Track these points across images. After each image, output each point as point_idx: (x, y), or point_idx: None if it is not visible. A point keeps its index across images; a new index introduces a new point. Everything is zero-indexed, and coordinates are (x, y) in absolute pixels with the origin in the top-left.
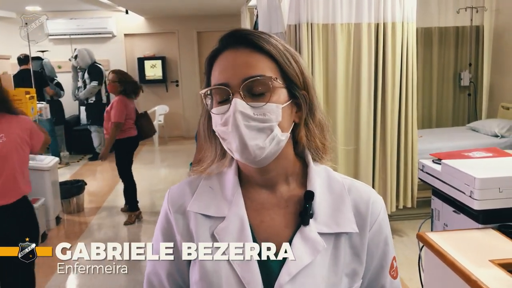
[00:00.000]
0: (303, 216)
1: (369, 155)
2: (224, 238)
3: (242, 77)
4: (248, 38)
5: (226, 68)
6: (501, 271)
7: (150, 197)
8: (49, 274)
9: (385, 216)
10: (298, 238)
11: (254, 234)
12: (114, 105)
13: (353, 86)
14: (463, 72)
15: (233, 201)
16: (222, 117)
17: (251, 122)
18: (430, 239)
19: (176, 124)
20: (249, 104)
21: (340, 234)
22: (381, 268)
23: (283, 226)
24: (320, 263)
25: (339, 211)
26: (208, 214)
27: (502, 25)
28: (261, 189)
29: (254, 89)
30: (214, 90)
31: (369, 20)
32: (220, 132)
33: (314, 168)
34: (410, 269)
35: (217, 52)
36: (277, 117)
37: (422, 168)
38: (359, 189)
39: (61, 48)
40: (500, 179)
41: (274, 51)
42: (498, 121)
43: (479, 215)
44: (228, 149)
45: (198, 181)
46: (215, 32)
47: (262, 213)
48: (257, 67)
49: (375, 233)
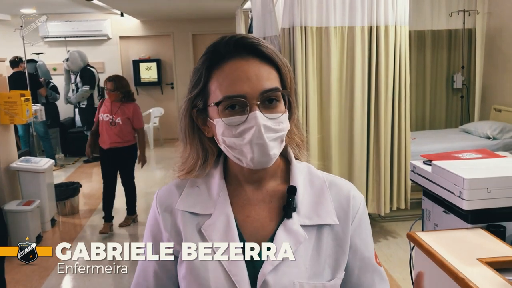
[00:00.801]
0: (286, 209)
1: (363, 157)
2: (211, 234)
3: (260, 90)
4: (257, 48)
5: (239, 79)
6: (489, 269)
7: (145, 199)
8: (44, 276)
9: (365, 210)
10: (281, 231)
11: (240, 229)
12: (135, 113)
13: (347, 88)
14: (456, 74)
15: (219, 199)
16: (235, 128)
17: (271, 133)
18: (420, 239)
19: (171, 127)
20: (266, 116)
21: (323, 226)
22: (368, 258)
23: (267, 220)
24: (303, 253)
25: (320, 204)
26: (195, 212)
27: (494, 28)
28: (247, 186)
29: (268, 101)
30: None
31: (362, 24)
32: (229, 142)
33: (297, 165)
34: (403, 269)
35: (220, 58)
36: (287, 125)
37: (413, 169)
38: (339, 184)
39: (56, 50)
40: (488, 180)
41: (279, 62)
42: (490, 123)
43: (468, 215)
44: (235, 157)
45: (185, 182)
46: (210, 35)
47: (247, 209)
48: (270, 78)
49: (357, 226)
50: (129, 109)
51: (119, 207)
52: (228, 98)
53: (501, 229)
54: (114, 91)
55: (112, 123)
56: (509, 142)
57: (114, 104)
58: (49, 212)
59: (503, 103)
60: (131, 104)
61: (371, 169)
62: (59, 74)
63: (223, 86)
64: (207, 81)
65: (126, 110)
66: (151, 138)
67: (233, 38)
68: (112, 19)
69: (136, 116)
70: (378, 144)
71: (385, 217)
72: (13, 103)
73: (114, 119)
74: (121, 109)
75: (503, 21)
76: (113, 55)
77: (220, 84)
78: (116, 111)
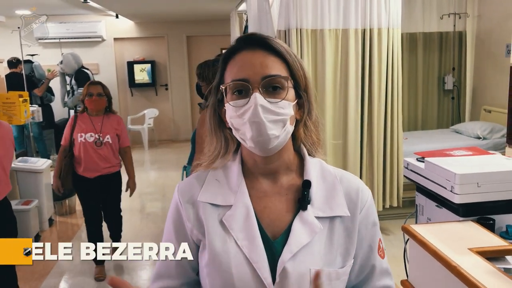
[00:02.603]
0: (302, 202)
1: (356, 157)
2: (231, 224)
3: (262, 75)
4: (265, 42)
5: (245, 66)
6: (479, 258)
7: (140, 200)
8: (44, 274)
9: (372, 203)
10: (298, 222)
11: (259, 219)
12: (123, 127)
13: (341, 89)
14: (447, 76)
15: (238, 190)
16: (239, 109)
17: (269, 115)
18: (414, 231)
19: (166, 128)
20: (267, 99)
21: (334, 218)
22: (371, 249)
23: (284, 211)
24: (317, 243)
25: (332, 198)
26: (216, 203)
27: (484, 31)
28: (263, 179)
29: (271, 87)
30: (232, 84)
31: (356, 26)
32: (235, 123)
33: (310, 160)
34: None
35: (234, 51)
36: (289, 111)
37: (407, 166)
38: (349, 179)
39: (50, 52)
40: (478, 175)
41: (287, 55)
42: (481, 124)
43: (459, 208)
44: (240, 138)
45: (204, 175)
46: (204, 37)
47: (264, 200)
48: (274, 67)
49: (364, 217)
50: (115, 123)
51: None
52: (233, 81)
53: (491, 221)
54: (103, 96)
55: (98, 143)
56: (498, 142)
57: (96, 119)
58: (47, 211)
59: (493, 104)
60: (115, 117)
61: (364, 168)
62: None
63: (232, 73)
64: (223, 72)
65: (113, 124)
66: (145, 139)
67: (245, 35)
68: (106, 21)
69: (124, 131)
70: (371, 144)
71: (378, 215)
72: (11, 104)
73: (102, 138)
74: (107, 123)
75: (492, 23)
76: (107, 56)
77: (230, 71)
78: (102, 126)
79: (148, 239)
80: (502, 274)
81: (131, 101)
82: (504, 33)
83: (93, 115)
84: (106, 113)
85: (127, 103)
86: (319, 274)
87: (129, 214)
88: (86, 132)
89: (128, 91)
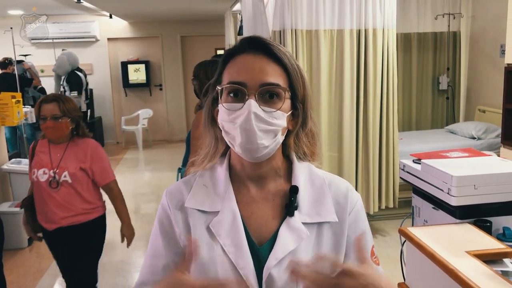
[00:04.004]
0: (289, 208)
1: (352, 157)
2: (218, 231)
3: (260, 82)
4: (268, 47)
5: (244, 69)
6: (476, 261)
7: (134, 201)
8: (38, 277)
9: (362, 207)
10: (284, 228)
11: (245, 225)
12: (96, 157)
13: (336, 90)
14: (441, 76)
15: (225, 196)
16: (232, 113)
17: (261, 124)
18: (411, 233)
19: (160, 128)
20: (262, 108)
21: (322, 224)
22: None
23: (270, 217)
24: (304, 249)
25: (320, 203)
26: (204, 210)
27: (478, 31)
28: (250, 184)
29: (268, 95)
30: (229, 86)
31: (351, 27)
32: (226, 126)
33: (298, 165)
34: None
35: (235, 52)
36: (282, 123)
37: (403, 168)
38: (338, 183)
39: (43, 52)
40: (475, 177)
41: (288, 64)
42: (475, 124)
43: (456, 210)
44: (229, 142)
45: (192, 180)
46: (198, 37)
47: (252, 206)
48: (273, 75)
49: (352, 221)
50: (82, 153)
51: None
52: (230, 83)
53: (487, 223)
54: (61, 118)
55: (53, 184)
56: (493, 142)
57: (57, 148)
58: None
59: (487, 104)
60: (86, 143)
61: (360, 168)
62: (46, 76)
63: (230, 74)
64: (222, 72)
65: (80, 155)
66: (140, 140)
67: (249, 37)
68: (100, 21)
69: (100, 162)
70: (366, 144)
71: (374, 216)
72: (4, 105)
73: (58, 177)
74: (70, 154)
75: (486, 24)
76: (101, 56)
77: (229, 72)
78: (61, 159)
79: (143, 240)
80: (499, 277)
81: (125, 101)
82: (498, 33)
83: (54, 142)
84: (73, 139)
85: (121, 103)
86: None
87: None
88: (39, 167)
89: (122, 91)
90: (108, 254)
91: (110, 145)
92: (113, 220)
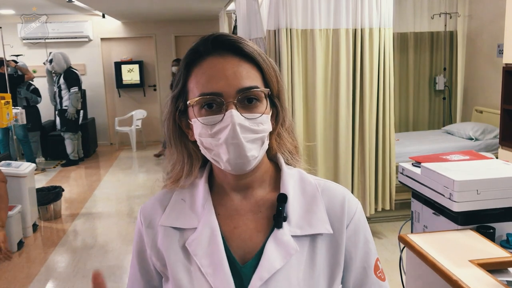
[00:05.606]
0: (276, 219)
1: (348, 159)
2: (195, 249)
3: (237, 88)
4: (236, 46)
5: (216, 76)
6: (481, 271)
7: (128, 203)
8: (27, 283)
9: (362, 216)
10: (271, 242)
11: (227, 241)
12: None
13: (332, 90)
14: (438, 76)
15: (204, 210)
16: (211, 127)
17: (248, 134)
18: (411, 241)
19: (154, 129)
20: (244, 116)
21: (316, 236)
22: (364, 269)
23: (256, 231)
24: (295, 266)
25: (312, 213)
26: (179, 227)
27: (475, 31)
28: (234, 195)
29: (247, 100)
30: (201, 99)
31: (347, 26)
32: (205, 142)
33: (287, 172)
34: (390, 270)
35: (198, 56)
36: (268, 127)
37: (402, 171)
38: (332, 190)
39: (35, 52)
40: (477, 182)
41: (261, 61)
42: (472, 124)
43: (458, 216)
44: (213, 160)
45: (170, 195)
46: (192, 37)
47: (235, 220)
48: (249, 77)
49: (352, 233)
50: None
51: (98, 211)
52: (203, 95)
53: (491, 230)
54: None
55: None
56: (490, 143)
57: None
58: (31, 217)
59: (485, 105)
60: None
61: (356, 170)
62: (39, 76)
63: (200, 84)
64: (186, 79)
65: None
66: (133, 141)
67: (211, 36)
68: (93, 21)
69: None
70: (363, 145)
71: (370, 218)
72: None
73: None
74: None
75: (483, 23)
76: (94, 57)
77: (197, 81)
78: None
79: None
80: None
81: (119, 102)
82: (495, 33)
83: None
84: None
85: (115, 104)
86: None
87: (116, 218)
88: None
89: (116, 92)
90: (100, 259)
91: (104, 146)
92: (106, 224)
